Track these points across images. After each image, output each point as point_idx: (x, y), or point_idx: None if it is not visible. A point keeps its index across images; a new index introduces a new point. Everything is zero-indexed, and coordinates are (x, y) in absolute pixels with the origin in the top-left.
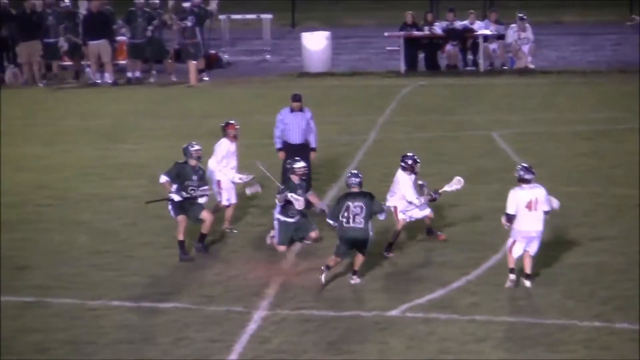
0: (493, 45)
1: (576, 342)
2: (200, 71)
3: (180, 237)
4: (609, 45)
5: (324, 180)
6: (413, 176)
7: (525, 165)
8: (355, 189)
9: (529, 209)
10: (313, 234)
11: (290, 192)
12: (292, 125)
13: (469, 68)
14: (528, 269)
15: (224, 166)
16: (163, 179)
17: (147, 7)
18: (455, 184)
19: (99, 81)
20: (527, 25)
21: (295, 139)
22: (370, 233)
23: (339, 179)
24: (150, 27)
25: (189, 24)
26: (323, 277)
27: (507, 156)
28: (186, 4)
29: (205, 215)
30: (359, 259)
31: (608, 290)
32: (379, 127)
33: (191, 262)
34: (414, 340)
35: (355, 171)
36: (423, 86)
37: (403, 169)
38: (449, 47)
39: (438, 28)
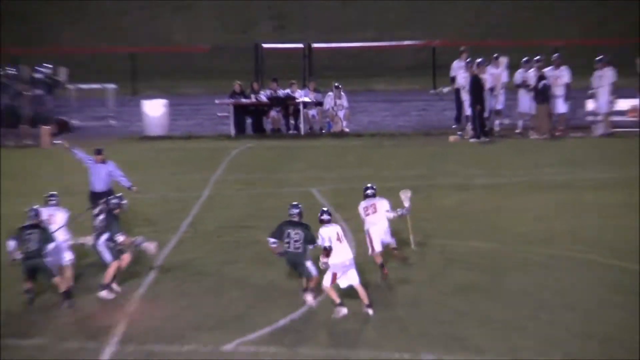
0: (312, 111)
1: None
2: (52, 135)
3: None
4: (415, 111)
5: (162, 231)
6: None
7: (324, 209)
8: (295, 219)
9: (339, 242)
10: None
11: (117, 231)
12: (95, 175)
13: (291, 132)
14: (366, 300)
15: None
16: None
17: (4, 77)
18: (406, 197)
19: None
20: (342, 93)
21: (98, 187)
22: (307, 261)
23: (176, 230)
24: (5, 96)
25: (40, 92)
26: (310, 299)
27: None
28: (38, 75)
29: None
30: (307, 280)
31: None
32: (211, 185)
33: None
34: None
35: (295, 203)
36: (250, 148)
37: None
38: (273, 113)
39: (263, 96)
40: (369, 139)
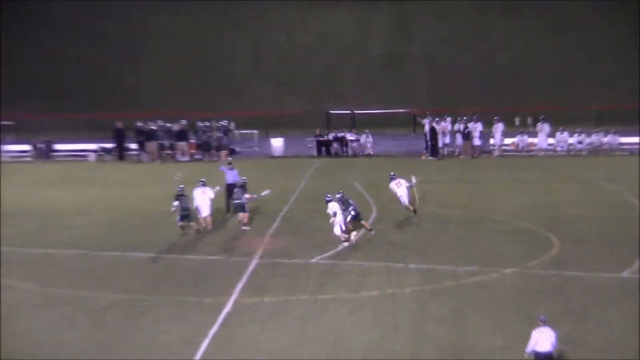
0: (354, 144)
1: None
2: (226, 155)
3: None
4: (404, 143)
5: (280, 202)
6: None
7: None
8: (343, 197)
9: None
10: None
11: None
12: (228, 175)
13: (343, 154)
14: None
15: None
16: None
17: (203, 127)
18: (414, 179)
19: (181, 159)
20: (370, 135)
21: (230, 181)
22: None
23: (287, 202)
24: (204, 136)
25: (221, 134)
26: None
27: None
28: (220, 125)
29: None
30: (348, 226)
31: None
32: (305, 179)
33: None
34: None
35: (342, 192)
36: (324, 162)
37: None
38: (335, 144)
39: (330, 136)
40: (382, 158)
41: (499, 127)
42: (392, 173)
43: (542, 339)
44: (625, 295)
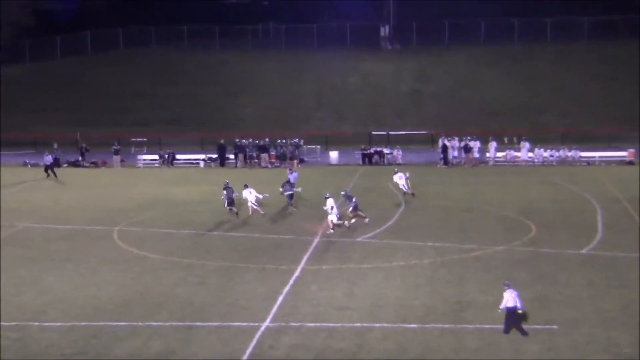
0: (389, 156)
1: None
2: (297, 164)
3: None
4: (424, 155)
5: (338, 196)
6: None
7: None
8: (348, 193)
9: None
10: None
11: None
12: (290, 176)
13: (381, 163)
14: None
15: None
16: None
17: (279, 144)
18: (407, 175)
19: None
20: (400, 150)
21: (291, 181)
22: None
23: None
24: (281, 149)
25: (293, 149)
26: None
27: None
28: (293, 142)
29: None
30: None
31: None
32: (355, 179)
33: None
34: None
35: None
36: (368, 169)
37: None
38: (375, 156)
39: (372, 150)
40: (408, 166)
41: (492, 145)
42: (395, 169)
43: (508, 297)
44: (584, 267)
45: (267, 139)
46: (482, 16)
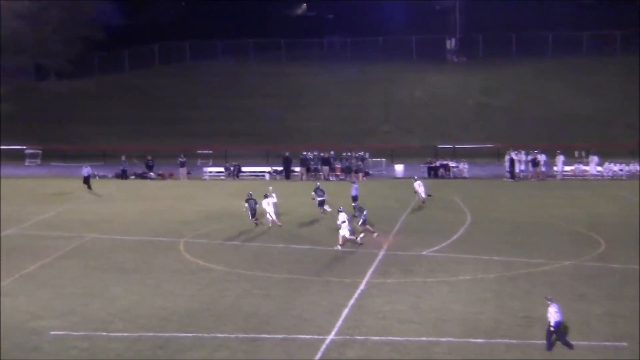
0: (455, 169)
1: None
2: (363, 176)
3: None
4: (490, 169)
5: (404, 200)
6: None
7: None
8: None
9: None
10: None
11: None
12: (353, 188)
13: (446, 176)
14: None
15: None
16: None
17: (344, 157)
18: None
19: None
20: (466, 164)
21: (353, 194)
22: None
23: (410, 204)
24: (346, 162)
25: (360, 162)
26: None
27: None
28: (359, 155)
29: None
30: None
31: None
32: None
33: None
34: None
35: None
36: (433, 181)
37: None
38: (441, 170)
39: (438, 163)
40: (474, 179)
41: (560, 158)
42: (414, 176)
43: (553, 313)
44: None
45: (332, 152)
46: (549, 29)
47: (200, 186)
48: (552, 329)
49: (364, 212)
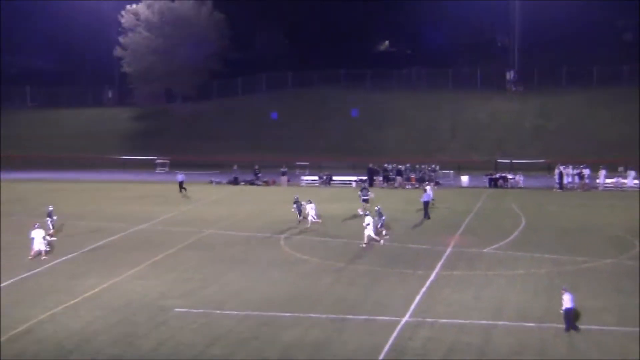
0: (512, 181)
1: None
2: (434, 186)
3: None
4: (542, 180)
5: (465, 203)
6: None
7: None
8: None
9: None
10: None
11: None
12: (426, 196)
13: (503, 186)
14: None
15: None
16: None
17: (419, 169)
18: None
19: (401, 187)
20: (522, 176)
21: (425, 199)
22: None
23: (470, 212)
24: (420, 173)
25: (431, 173)
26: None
27: None
28: (431, 166)
29: None
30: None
31: None
32: (482, 200)
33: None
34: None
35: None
36: (492, 190)
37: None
38: (500, 180)
39: (497, 175)
40: (528, 189)
41: (602, 172)
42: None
43: (567, 299)
44: None
45: (407, 165)
46: (594, 62)
47: (298, 192)
48: (560, 311)
49: (382, 217)
